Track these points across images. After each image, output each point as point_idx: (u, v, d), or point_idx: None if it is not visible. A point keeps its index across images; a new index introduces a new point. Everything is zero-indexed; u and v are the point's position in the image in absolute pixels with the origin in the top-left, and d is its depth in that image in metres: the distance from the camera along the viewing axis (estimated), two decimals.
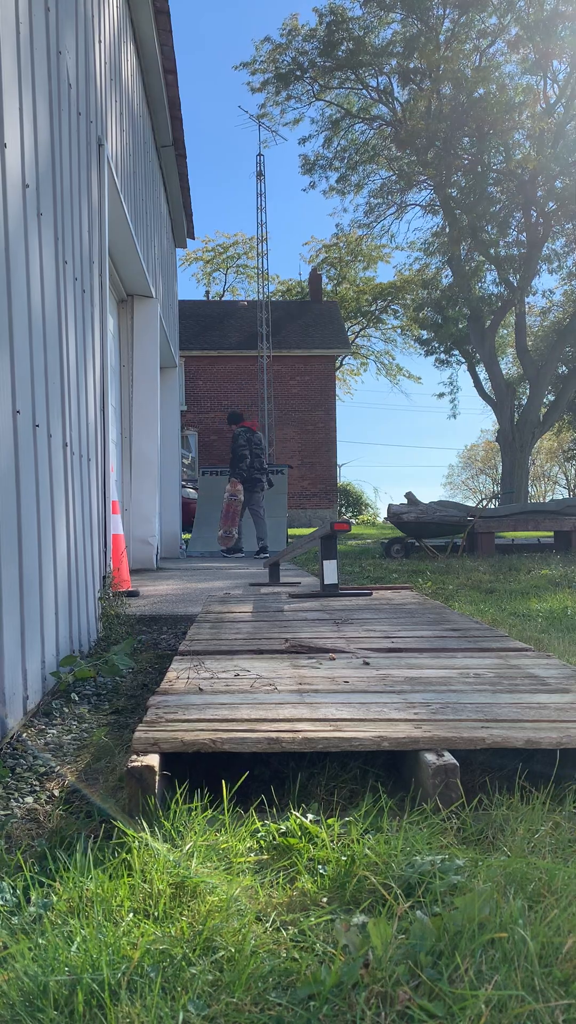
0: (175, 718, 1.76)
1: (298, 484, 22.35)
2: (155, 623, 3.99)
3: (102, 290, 4.00)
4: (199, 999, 0.96)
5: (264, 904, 1.17)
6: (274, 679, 2.15)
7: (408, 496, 10.10)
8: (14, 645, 2.15)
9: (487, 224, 19.37)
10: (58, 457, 2.82)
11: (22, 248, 2.38)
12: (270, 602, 3.91)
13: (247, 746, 1.60)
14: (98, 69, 4.19)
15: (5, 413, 2.15)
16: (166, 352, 9.08)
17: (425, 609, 3.57)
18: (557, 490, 53.51)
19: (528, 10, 17.77)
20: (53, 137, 2.91)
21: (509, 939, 1.01)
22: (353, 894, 1.19)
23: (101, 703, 2.52)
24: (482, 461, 55.17)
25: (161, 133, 7.62)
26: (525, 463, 21.40)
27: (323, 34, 19.82)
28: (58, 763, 1.92)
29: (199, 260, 33.81)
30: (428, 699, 1.91)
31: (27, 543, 2.32)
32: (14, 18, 2.37)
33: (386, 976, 0.97)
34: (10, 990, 0.98)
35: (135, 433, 7.31)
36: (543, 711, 1.79)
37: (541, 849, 1.32)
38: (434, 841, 1.34)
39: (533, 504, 10.16)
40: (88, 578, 3.38)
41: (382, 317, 31.84)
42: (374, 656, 2.46)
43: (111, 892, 1.18)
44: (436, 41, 18.89)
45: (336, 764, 1.77)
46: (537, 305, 26.05)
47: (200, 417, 21.91)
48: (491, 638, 2.77)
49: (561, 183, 18.69)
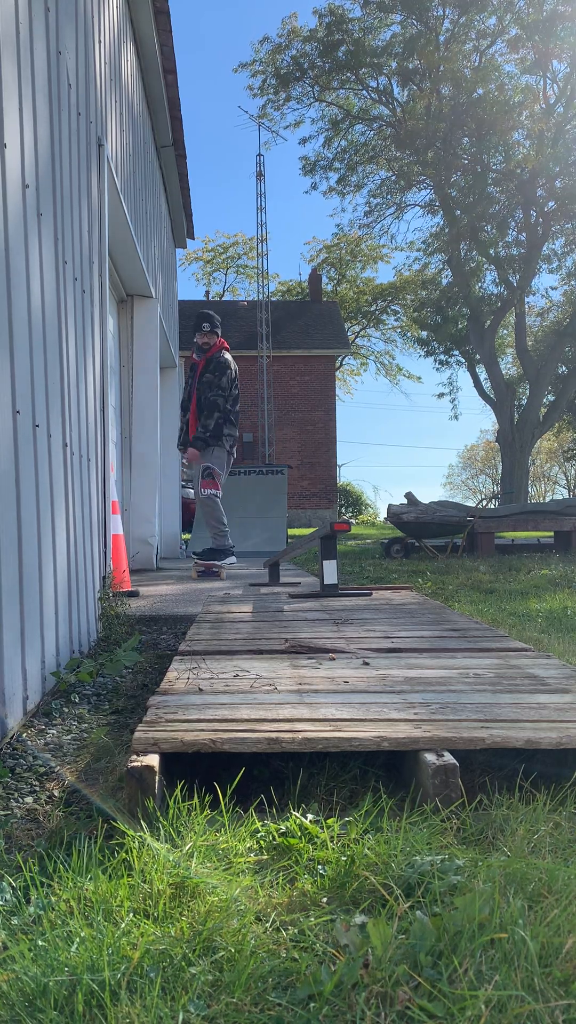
0: (175, 718, 1.76)
1: (298, 484, 22.36)
2: (155, 623, 3.99)
3: (102, 290, 3.99)
4: (199, 999, 0.96)
5: (264, 904, 1.17)
6: (274, 679, 2.15)
7: (408, 496, 10.09)
8: (14, 645, 2.15)
9: (487, 224, 19.38)
10: (58, 457, 2.82)
11: (22, 248, 2.38)
12: (270, 602, 3.91)
13: (247, 746, 1.60)
14: (98, 69, 4.19)
15: (5, 413, 2.15)
16: (166, 352, 9.08)
17: (425, 609, 3.57)
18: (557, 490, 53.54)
19: (528, 10, 17.77)
20: (53, 137, 2.91)
21: (509, 939, 1.01)
22: (353, 894, 1.19)
23: (101, 703, 2.52)
24: (482, 461, 55.21)
25: (161, 133, 7.62)
26: (525, 463, 21.40)
27: (323, 35, 19.82)
28: (58, 763, 1.92)
29: (199, 260, 33.84)
30: (428, 699, 1.91)
31: (27, 543, 2.32)
32: (14, 18, 2.37)
33: (386, 976, 0.97)
34: (10, 990, 0.98)
35: (135, 433, 7.31)
36: (543, 711, 1.79)
37: (541, 849, 1.32)
38: (434, 841, 1.34)
39: (533, 504, 10.16)
40: (88, 578, 3.38)
41: (382, 317, 31.85)
42: (374, 656, 2.46)
43: (111, 892, 1.18)
44: (436, 41, 18.90)
45: (336, 764, 1.77)
46: (537, 305, 26.04)
47: None
48: (491, 638, 2.77)
49: (561, 183, 18.70)
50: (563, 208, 19.03)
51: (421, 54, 18.40)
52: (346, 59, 19.75)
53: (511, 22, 18.29)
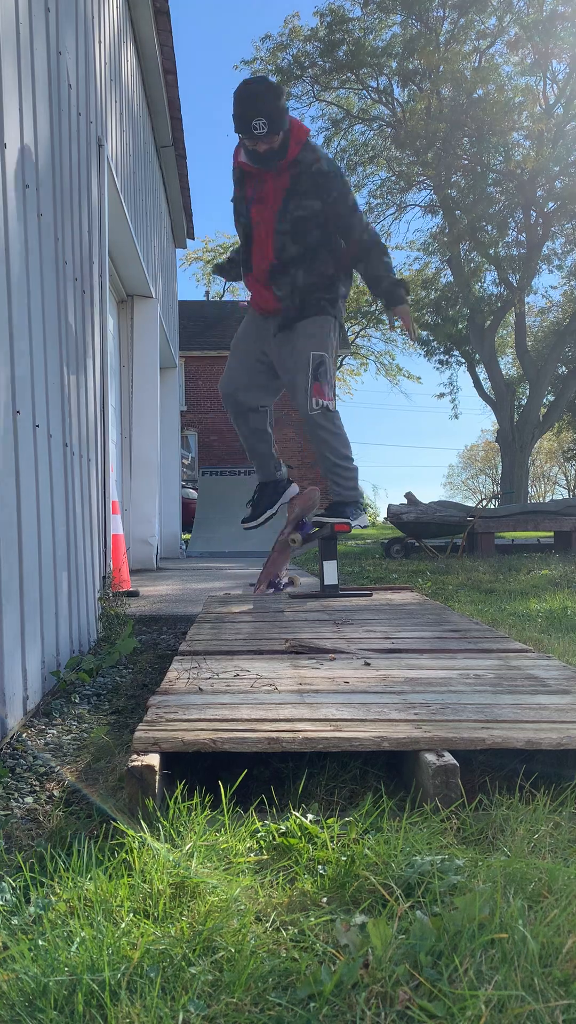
0: (175, 718, 1.76)
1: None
2: (155, 623, 4.00)
3: (102, 290, 4.00)
4: (199, 999, 0.96)
5: (264, 904, 1.17)
6: (274, 679, 2.15)
7: (408, 496, 10.09)
8: (14, 645, 2.15)
9: (487, 224, 19.38)
10: (58, 457, 2.82)
11: (22, 248, 2.38)
12: (270, 602, 3.91)
13: (247, 746, 1.60)
14: (98, 69, 4.19)
15: (5, 413, 2.15)
16: (166, 352, 9.07)
17: (425, 610, 3.57)
18: (557, 490, 53.54)
19: (527, 11, 17.78)
20: (53, 137, 2.91)
21: (509, 939, 1.01)
22: (353, 894, 1.19)
23: (101, 703, 2.52)
24: (482, 461, 55.21)
25: (161, 133, 7.62)
26: (525, 463, 21.40)
27: (324, 34, 19.83)
28: (58, 763, 1.92)
29: (199, 260, 33.79)
30: (428, 700, 1.91)
31: (27, 543, 2.32)
32: (14, 18, 2.37)
33: (386, 976, 0.97)
34: (10, 990, 0.98)
35: (135, 433, 7.31)
36: (543, 712, 1.79)
37: (541, 849, 1.32)
38: (434, 841, 1.34)
39: (533, 504, 10.17)
40: (88, 578, 3.38)
41: (382, 317, 31.82)
42: (374, 656, 2.46)
43: (111, 892, 1.18)
44: (436, 42, 18.92)
45: (336, 764, 1.77)
46: (537, 305, 26.04)
47: (200, 417, 21.91)
48: (491, 639, 2.77)
49: (561, 183, 18.71)
50: (563, 208, 19.04)
51: (421, 54, 18.41)
52: (346, 59, 19.77)
53: (511, 23, 18.30)
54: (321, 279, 3.58)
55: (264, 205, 3.51)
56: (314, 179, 3.44)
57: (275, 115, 3.26)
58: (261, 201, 3.51)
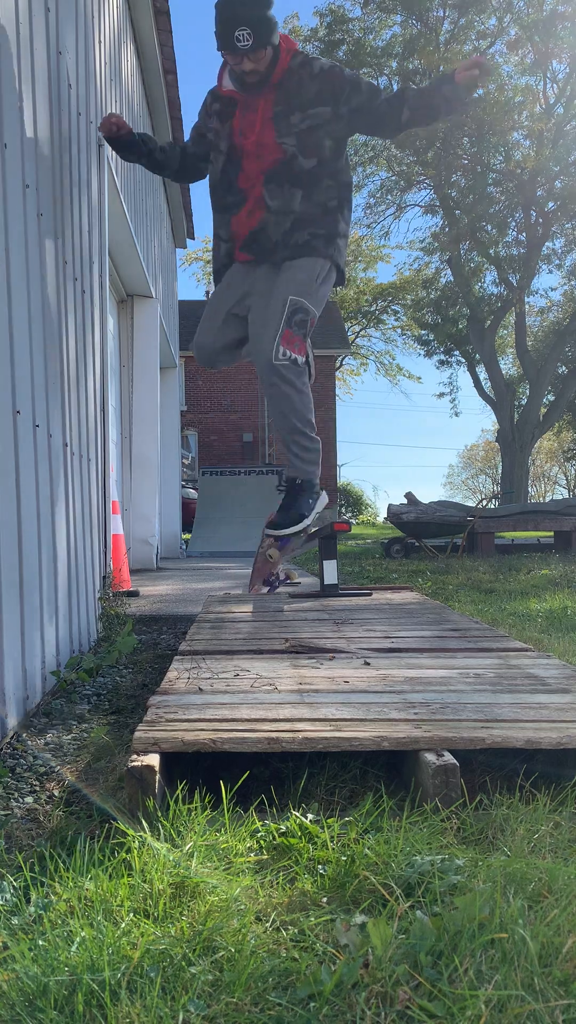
0: (175, 718, 1.76)
1: None
2: (155, 623, 4.00)
3: (102, 290, 3.99)
4: (199, 999, 0.96)
5: (264, 904, 1.17)
6: (274, 679, 2.15)
7: (408, 496, 10.10)
8: (14, 645, 2.15)
9: (487, 224, 19.38)
10: (58, 457, 2.82)
11: (22, 248, 2.38)
12: (270, 602, 3.91)
13: (247, 746, 1.60)
14: (98, 69, 4.19)
15: (5, 413, 2.15)
16: (166, 352, 9.08)
17: (425, 609, 3.57)
18: (557, 490, 53.54)
19: (527, 11, 17.78)
20: (53, 137, 2.91)
21: (509, 939, 1.01)
22: (353, 894, 1.19)
23: (101, 703, 2.52)
24: (482, 461, 55.21)
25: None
26: (525, 463, 21.41)
27: (324, 34, 19.84)
28: (58, 763, 1.92)
29: (199, 260, 33.78)
30: (428, 699, 1.91)
31: (27, 543, 2.32)
32: (14, 18, 2.37)
33: (386, 976, 0.97)
34: (10, 990, 0.98)
35: (135, 433, 7.31)
36: (543, 711, 1.79)
37: (541, 849, 1.32)
38: (434, 841, 1.34)
39: (533, 504, 10.18)
40: (88, 578, 3.38)
41: (382, 317, 31.83)
42: (374, 656, 2.46)
43: (111, 892, 1.18)
44: (436, 42, 18.91)
45: (336, 764, 1.77)
46: (537, 305, 26.04)
47: (200, 417, 21.89)
48: (491, 638, 2.77)
49: (561, 183, 18.71)
50: (563, 208, 19.04)
51: (421, 54, 18.42)
52: (346, 59, 19.76)
53: (511, 23, 18.31)
54: (319, 210, 3.08)
55: (255, 129, 3.02)
56: (318, 82, 2.98)
57: (262, 25, 2.77)
58: (252, 126, 3.03)
